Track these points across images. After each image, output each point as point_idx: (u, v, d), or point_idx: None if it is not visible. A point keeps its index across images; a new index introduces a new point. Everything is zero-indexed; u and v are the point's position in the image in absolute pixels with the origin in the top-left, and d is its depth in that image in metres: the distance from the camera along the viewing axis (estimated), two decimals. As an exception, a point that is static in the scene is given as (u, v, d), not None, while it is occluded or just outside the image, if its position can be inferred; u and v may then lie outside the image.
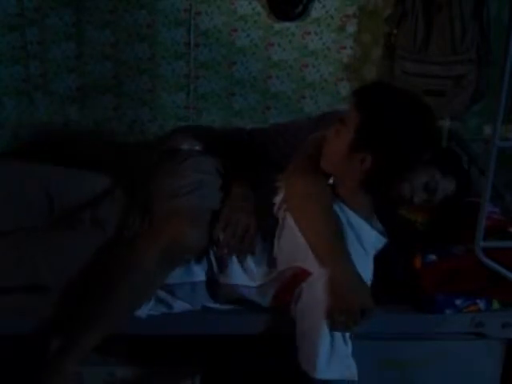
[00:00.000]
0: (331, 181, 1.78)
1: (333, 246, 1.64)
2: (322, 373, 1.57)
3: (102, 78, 2.67)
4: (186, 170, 1.87)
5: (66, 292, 1.70)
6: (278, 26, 2.63)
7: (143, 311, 1.71)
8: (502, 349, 1.89)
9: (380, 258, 1.78)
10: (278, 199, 1.83)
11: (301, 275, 1.69)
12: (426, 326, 1.85)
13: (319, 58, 2.68)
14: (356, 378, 1.59)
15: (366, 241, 1.72)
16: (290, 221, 1.75)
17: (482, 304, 1.85)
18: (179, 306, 1.76)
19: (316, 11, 2.61)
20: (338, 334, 1.58)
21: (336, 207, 1.72)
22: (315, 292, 1.61)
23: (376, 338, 1.82)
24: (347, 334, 1.60)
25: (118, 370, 1.73)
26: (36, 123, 2.67)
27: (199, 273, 1.75)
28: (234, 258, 1.76)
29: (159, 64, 2.66)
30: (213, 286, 1.77)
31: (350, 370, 1.60)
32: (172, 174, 1.86)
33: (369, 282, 1.67)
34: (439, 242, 1.92)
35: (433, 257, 1.87)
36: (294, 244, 1.72)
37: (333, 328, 1.57)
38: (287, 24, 2.62)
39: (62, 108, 2.68)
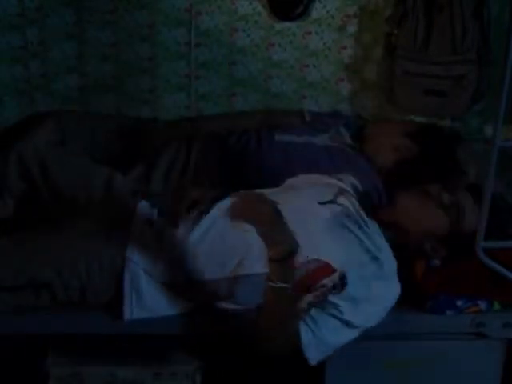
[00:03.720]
0: None
1: None
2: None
3: (103, 78, 2.67)
4: None
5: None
6: (278, 26, 2.62)
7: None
8: (503, 349, 1.89)
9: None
10: None
11: None
12: (427, 326, 1.85)
13: (320, 58, 2.67)
14: None
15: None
16: None
17: (483, 305, 1.85)
18: None
19: (317, 11, 2.60)
20: None
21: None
22: None
23: (376, 338, 1.81)
24: None
25: (118, 370, 1.73)
26: (36, 123, 2.66)
27: None
28: None
29: (160, 64, 2.66)
30: None
31: None
32: None
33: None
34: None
35: (437, 262, 1.87)
36: None
37: None
38: (288, 24, 2.62)
39: (62, 108, 2.67)
